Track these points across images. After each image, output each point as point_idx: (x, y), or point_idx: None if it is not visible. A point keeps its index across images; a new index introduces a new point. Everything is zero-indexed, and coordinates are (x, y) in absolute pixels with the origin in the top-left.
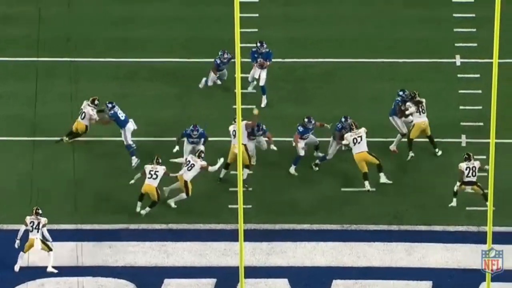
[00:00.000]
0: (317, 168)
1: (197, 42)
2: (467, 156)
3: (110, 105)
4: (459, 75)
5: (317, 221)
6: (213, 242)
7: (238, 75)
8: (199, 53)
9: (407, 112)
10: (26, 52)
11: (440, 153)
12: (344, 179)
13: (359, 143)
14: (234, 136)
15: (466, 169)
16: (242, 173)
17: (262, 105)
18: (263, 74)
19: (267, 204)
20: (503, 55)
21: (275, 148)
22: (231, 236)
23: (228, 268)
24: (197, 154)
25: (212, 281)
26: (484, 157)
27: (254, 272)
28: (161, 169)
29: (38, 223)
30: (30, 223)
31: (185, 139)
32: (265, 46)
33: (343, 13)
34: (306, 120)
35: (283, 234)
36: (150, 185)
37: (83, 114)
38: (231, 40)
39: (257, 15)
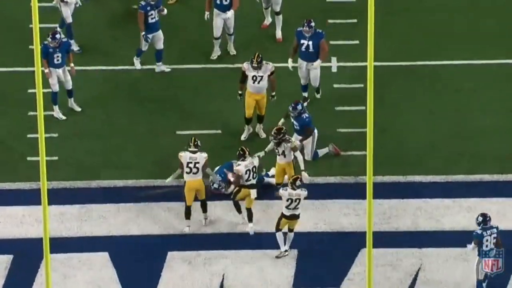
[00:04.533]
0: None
1: None
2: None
3: None
4: None
5: (145, 176)
6: (7, 207)
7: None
8: None
9: None
10: None
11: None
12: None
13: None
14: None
15: None
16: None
17: None
18: None
19: (76, 155)
20: None
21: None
22: (32, 198)
23: (28, 240)
24: None
25: (8, 257)
26: None
27: (63, 244)
28: None
29: None
30: None
31: None
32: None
33: None
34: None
35: (101, 193)
36: None
37: None
38: None
39: None
